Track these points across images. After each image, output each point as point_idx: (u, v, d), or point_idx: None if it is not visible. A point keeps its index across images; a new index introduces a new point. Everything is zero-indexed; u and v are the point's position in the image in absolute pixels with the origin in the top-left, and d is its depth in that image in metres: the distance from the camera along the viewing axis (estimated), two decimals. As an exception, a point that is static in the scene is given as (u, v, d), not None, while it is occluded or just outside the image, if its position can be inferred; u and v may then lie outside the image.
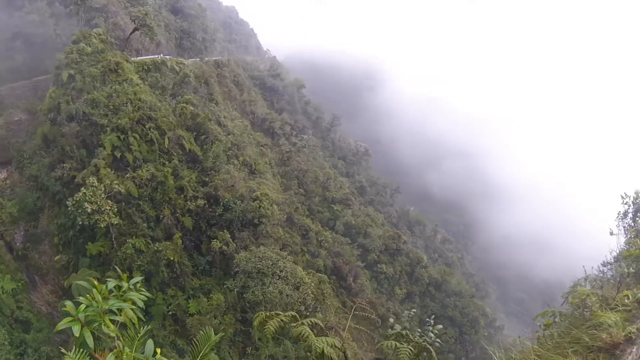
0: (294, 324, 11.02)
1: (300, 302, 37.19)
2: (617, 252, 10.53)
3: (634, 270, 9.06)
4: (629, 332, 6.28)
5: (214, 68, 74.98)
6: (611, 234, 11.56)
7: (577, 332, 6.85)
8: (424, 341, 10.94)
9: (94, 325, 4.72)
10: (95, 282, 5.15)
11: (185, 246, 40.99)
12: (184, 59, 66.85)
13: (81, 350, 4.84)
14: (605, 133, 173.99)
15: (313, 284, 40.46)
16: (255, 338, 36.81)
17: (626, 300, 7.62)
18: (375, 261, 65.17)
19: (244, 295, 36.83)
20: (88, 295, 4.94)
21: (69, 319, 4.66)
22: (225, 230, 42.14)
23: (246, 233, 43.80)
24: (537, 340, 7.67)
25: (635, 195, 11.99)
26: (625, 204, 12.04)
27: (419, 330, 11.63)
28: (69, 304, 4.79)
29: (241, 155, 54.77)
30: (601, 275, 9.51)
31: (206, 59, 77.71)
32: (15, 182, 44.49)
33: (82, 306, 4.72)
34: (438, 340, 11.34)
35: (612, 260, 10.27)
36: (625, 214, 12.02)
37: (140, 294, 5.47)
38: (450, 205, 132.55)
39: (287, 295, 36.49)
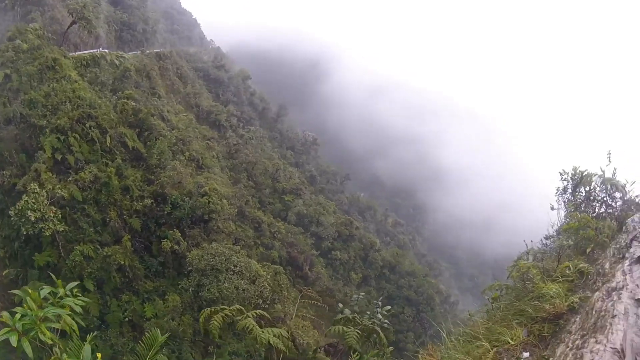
0: (239, 318, 10.94)
1: (257, 296, 36.97)
2: (559, 225, 10.95)
3: (572, 242, 9.42)
4: (572, 302, 6.46)
5: (156, 61, 72.86)
6: (552, 208, 12.00)
7: (520, 304, 7.01)
8: (372, 323, 11.09)
9: (31, 334, 4.52)
10: (30, 291, 4.91)
11: (135, 248, 39.57)
12: (124, 53, 64.45)
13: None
14: (541, 115, 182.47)
15: (269, 277, 40.25)
16: (202, 329, 36.16)
17: (567, 271, 7.87)
18: (329, 248, 65.78)
19: (200, 294, 36.11)
20: (25, 304, 4.72)
21: (6, 329, 4.48)
22: (175, 229, 41.09)
23: (197, 230, 43.00)
24: (487, 313, 7.86)
25: (572, 171, 12.47)
26: (564, 180, 12.50)
27: (368, 312, 11.79)
28: (5, 314, 4.61)
29: (187, 151, 53.55)
30: (544, 248, 9.86)
31: (147, 51, 75.05)
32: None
33: (17, 315, 4.51)
34: (387, 321, 11.52)
35: (554, 234, 10.67)
36: (565, 189, 12.48)
37: (77, 299, 5.25)
38: (400, 189, 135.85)
39: (243, 290, 36.13)
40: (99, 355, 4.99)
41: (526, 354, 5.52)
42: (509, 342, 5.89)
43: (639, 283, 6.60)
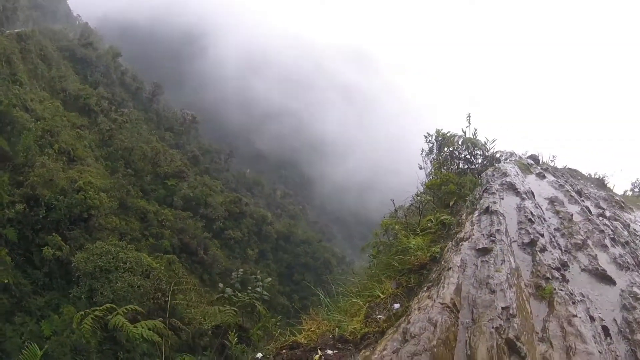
0: (109, 317, 10.92)
1: (155, 290, 35.87)
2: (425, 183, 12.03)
3: (431, 198, 10.33)
4: (433, 252, 6.90)
5: (17, 42, 65.07)
6: (420, 168, 13.21)
7: (387, 258, 7.48)
8: (250, 298, 11.63)
9: None
10: None
11: (16, 263, 35.88)
12: (-22, 36, 57.05)
13: None
14: (409, 91, 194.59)
15: (163, 268, 39.32)
16: (123, 341, 34.77)
17: (429, 224, 8.49)
18: (221, 228, 65.35)
19: (94, 299, 34.07)
20: None
21: None
22: (54, 234, 37.91)
23: (77, 231, 40.28)
24: (366, 271, 8.37)
25: (436, 134, 13.72)
26: (429, 142, 13.73)
27: (249, 288, 12.33)
28: None
29: (56, 143, 49.05)
30: (415, 205, 10.71)
31: (7, 32, 66.36)
32: None
33: None
34: (266, 293, 12.14)
35: (423, 192, 11.61)
36: (431, 150, 13.70)
37: None
38: (284, 162, 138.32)
39: (139, 287, 34.59)
40: None
41: (397, 305, 5.75)
42: (380, 296, 6.17)
43: (484, 232, 7.19)
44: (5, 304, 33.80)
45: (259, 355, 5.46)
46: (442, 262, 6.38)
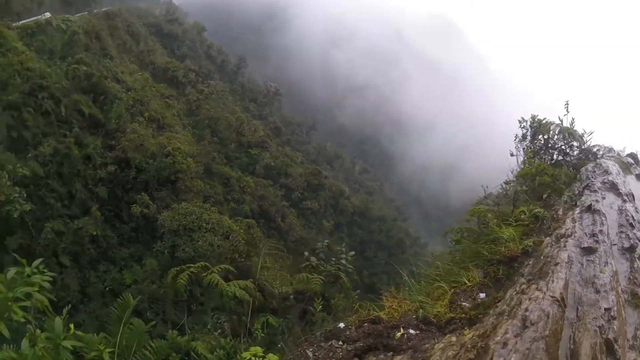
0: (205, 274, 11.21)
1: (232, 251, 37.50)
2: (516, 171, 11.26)
3: (527, 188, 9.76)
4: (526, 246, 6.74)
5: (105, 20, 69.21)
6: (511, 155, 12.40)
7: (476, 246, 7.28)
8: (335, 269, 11.54)
9: (5, 315, 4.69)
10: None
11: (106, 217, 39.26)
12: (70, 15, 61.04)
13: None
14: (503, 67, 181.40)
15: (242, 231, 40.75)
16: (198, 294, 36.83)
17: (522, 216, 8.21)
18: (299, 199, 66.38)
19: (176, 254, 36.42)
20: None
21: None
22: (143, 193, 40.80)
23: (165, 192, 42.80)
24: (449, 255, 8.18)
25: (531, 120, 12.78)
26: (523, 127, 12.81)
27: (333, 259, 12.22)
28: None
29: (146, 111, 52.11)
30: (503, 193, 10.17)
31: (95, 11, 70.98)
32: None
33: None
34: (350, 266, 11.98)
35: (513, 179, 10.99)
36: (524, 136, 12.81)
37: (44, 275, 5.42)
38: (366, 137, 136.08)
39: (218, 246, 36.58)
40: (71, 326, 5.18)
41: (482, 295, 5.75)
42: (466, 284, 6.14)
43: (587, 231, 7.07)
44: (92, 254, 36.97)
45: (342, 324, 5.50)
46: (542, 257, 6.30)
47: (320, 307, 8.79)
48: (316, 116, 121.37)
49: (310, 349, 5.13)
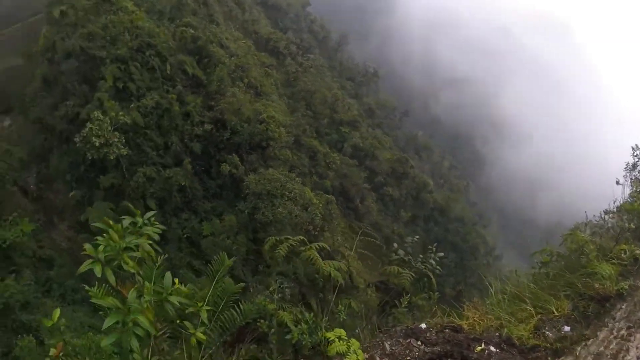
0: (303, 248, 11.46)
1: (308, 222, 38.54)
2: (621, 202, 10.35)
3: (634, 226, 8.89)
4: (621, 288, 6.39)
5: None
6: (617, 183, 11.23)
7: (571, 277, 6.94)
8: (424, 268, 11.38)
9: (114, 264, 4.86)
10: (111, 222, 5.21)
11: (195, 171, 41.56)
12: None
13: (103, 285, 5.07)
14: (619, 76, 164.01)
15: (321, 205, 41.52)
16: (267, 257, 38.12)
17: (622, 255, 7.69)
18: (381, 184, 65.80)
19: (255, 216, 38.04)
20: (105, 235, 5.05)
21: (90, 261, 4.77)
22: (233, 154, 42.54)
23: (254, 156, 44.23)
24: (532, 277, 7.83)
25: (647, 149, 11.59)
26: (635, 156, 11.66)
27: (421, 256, 12.06)
28: (88, 246, 4.87)
29: (246, 77, 53.68)
30: (602, 223, 9.45)
31: None
32: (20, 127, 44.52)
33: (101, 247, 4.83)
34: (438, 267, 11.75)
35: (615, 210, 10.09)
36: (635, 165, 11.67)
37: (154, 227, 5.60)
38: (459, 133, 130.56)
39: (295, 216, 37.74)
40: (176, 281, 5.23)
41: (567, 328, 5.57)
42: (554, 312, 5.95)
43: None
44: (177, 202, 39.45)
45: (423, 325, 5.48)
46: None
47: (406, 302, 8.77)
48: (410, 103, 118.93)
49: (389, 342, 5.12)
